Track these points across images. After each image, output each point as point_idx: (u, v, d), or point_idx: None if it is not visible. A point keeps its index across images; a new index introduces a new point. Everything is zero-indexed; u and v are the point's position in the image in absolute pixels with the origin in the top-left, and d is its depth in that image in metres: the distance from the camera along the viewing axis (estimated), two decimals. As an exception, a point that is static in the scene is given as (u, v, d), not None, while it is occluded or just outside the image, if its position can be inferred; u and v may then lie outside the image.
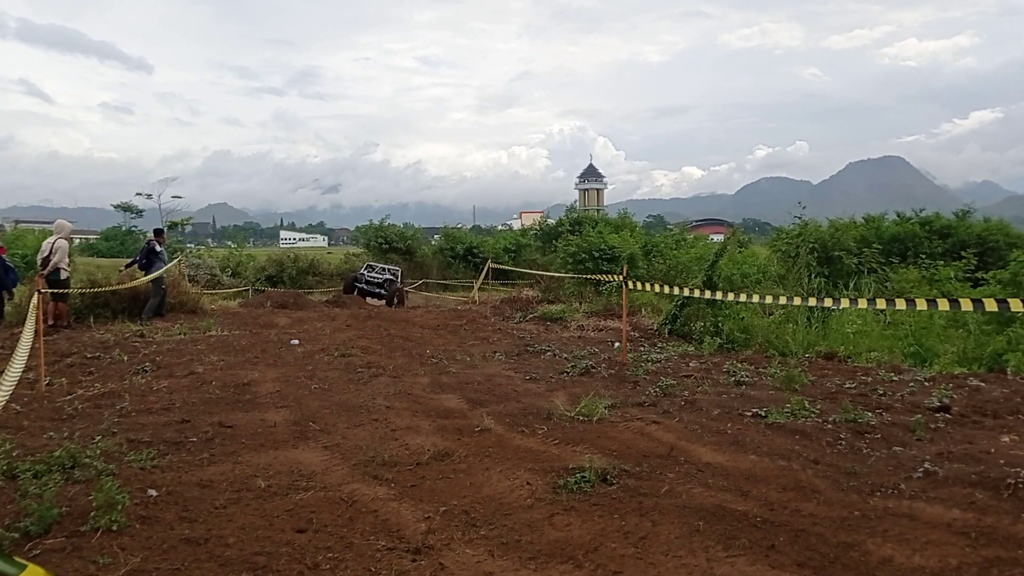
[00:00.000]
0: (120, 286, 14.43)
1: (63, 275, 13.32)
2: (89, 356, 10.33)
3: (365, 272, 27.65)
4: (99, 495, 4.45)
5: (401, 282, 27.44)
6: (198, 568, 3.89)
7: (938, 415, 6.91)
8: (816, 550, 4.06)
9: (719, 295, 10.08)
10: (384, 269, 28.70)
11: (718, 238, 36.70)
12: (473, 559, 4.03)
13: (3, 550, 2.17)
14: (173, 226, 36.35)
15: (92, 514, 4.38)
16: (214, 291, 25.14)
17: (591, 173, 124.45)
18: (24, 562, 2.10)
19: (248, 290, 29.52)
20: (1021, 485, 4.90)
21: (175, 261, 19.43)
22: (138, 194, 42.21)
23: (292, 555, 4.06)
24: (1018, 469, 5.17)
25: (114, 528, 4.29)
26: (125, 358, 10.22)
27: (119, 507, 4.43)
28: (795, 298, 8.55)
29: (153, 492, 4.98)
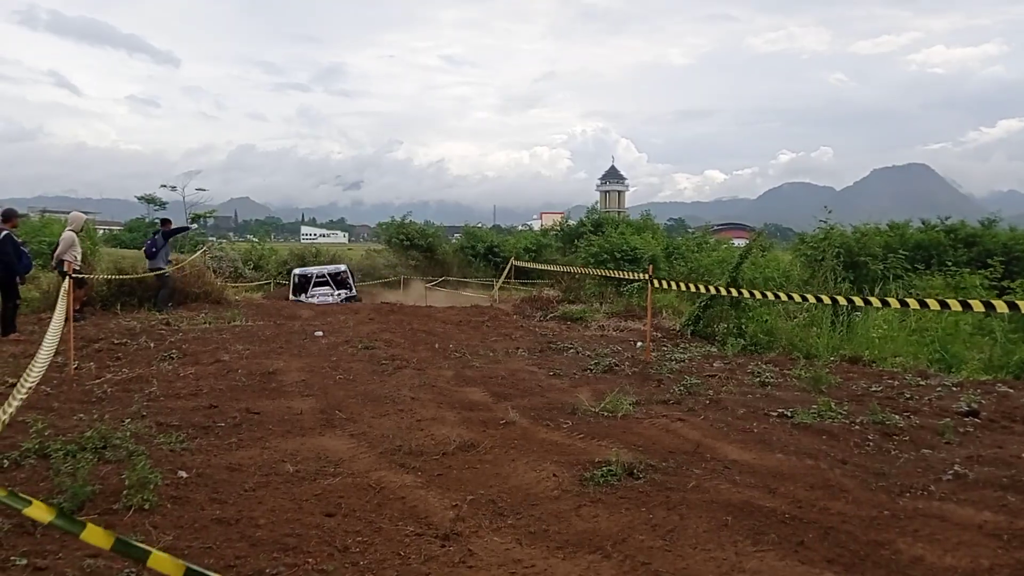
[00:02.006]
0: (143, 275, 14.65)
1: (66, 267, 13.45)
2: (116, 342, 10.47)
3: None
4: (132, 474, 4.50)
5: (351, 290, 22.37)
6: (230, 547, 3.92)
7: (966, 419, 6.85)
8: (846, 547, 4.04)
9: (745, 293, 10.02)
10: (323, 277, 22.88)
11: (740, 242, 36.49)
12: (501, 547, 4.04)
13: (64, 512, 2.21)
14: (196, 218, 36.68)
15: (124, 493, 4.44)
16: (236, 283, 25.31)
17: (613, 175, 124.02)
18: (84, 520, 2.14)
19: (270, 283, 29.71)
20: (1053, 490, 4.85)
21: (199, 252, 19.60)
22: (163, 186, 42.59)
23: (322, 537, 4.09)
24: (1050, 474, 5.12)
25: (146, 507, 4.35)
26: (151, 345, 10.34)
27: (151, 486, 4.50)
28: (823, 296, 8.49)
29: (183, 474, 5.04)
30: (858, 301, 7.88)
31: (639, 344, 11.55)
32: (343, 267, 24.13)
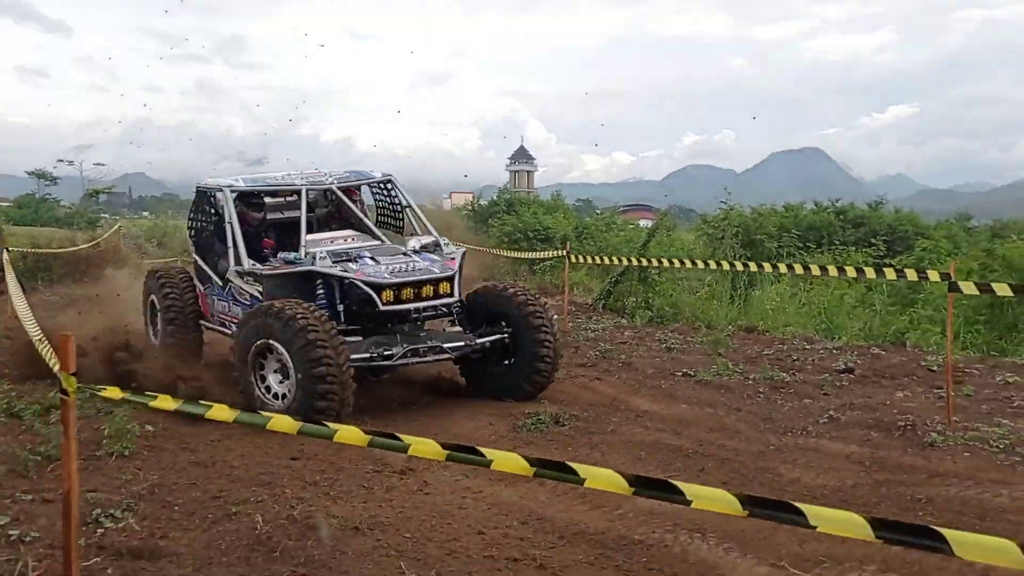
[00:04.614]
0: (61, 250, 14.66)
1: None
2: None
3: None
4: (112, 425, 4.96)
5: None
6: (212, 483, 4.45)
7: (843, 375, 7.83)
8: (738, 473, 4.86)
9: (654, 261, 10.87)
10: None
11: (645, 223, 37.71)
12: (452, 479, 4.70)
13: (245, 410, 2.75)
14: (93, 195, 35.66)
15: (104, 442, 4.90)
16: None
17: (522, 155, 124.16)
18: (208, 403, 2.64)
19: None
20: (909, 428, 5.80)
21: (114, 229, 19.42)
22: (60, 161, 40.94)
23: (292, 475, 4.66)
24: (908, 416, 6.09)
25: (126, 454, 4.82)
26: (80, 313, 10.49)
27: (129, 436, 4.95)
28: (723, 263, 9.45)
29: (150, 428, 5.47)
30: (753, 267, 8.82)
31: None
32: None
